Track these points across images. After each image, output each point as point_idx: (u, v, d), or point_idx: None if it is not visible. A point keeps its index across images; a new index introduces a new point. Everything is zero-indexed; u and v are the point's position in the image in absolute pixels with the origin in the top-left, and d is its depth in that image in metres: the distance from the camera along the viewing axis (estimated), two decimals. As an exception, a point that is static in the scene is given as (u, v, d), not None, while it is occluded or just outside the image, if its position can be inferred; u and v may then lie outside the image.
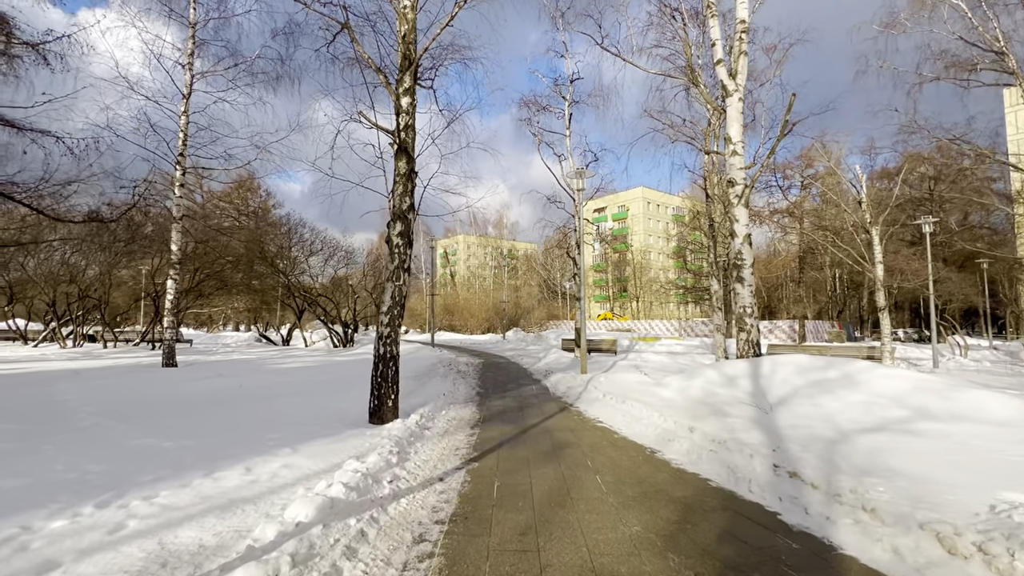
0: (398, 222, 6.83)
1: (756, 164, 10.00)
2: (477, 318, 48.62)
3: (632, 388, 9.27)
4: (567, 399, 9.31)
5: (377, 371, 6.72)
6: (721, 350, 16.32)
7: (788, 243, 46.49)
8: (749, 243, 9.34)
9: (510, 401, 9.12)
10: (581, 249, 12.09)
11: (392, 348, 6.74)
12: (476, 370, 14.83)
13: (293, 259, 22.78)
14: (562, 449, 5.61)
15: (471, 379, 12.50)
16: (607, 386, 9.53)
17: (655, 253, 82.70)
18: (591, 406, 8.37)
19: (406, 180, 6.91)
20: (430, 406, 7.64)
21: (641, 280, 73.51)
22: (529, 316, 50.22)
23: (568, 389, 10.25)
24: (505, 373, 14.25)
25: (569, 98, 17.82)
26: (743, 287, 9.24)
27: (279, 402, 7.91)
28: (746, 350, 9.17)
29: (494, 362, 18.00)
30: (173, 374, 11.62)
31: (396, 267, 6.77)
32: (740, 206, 9.31)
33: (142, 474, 4.06)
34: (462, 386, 10.90)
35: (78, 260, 18.67)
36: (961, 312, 46.08)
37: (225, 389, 9.47)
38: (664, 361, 16.07)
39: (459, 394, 9.71)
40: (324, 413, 7.10)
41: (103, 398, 8.08)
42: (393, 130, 6.99)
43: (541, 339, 32.83)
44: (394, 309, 6.74)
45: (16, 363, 13.67)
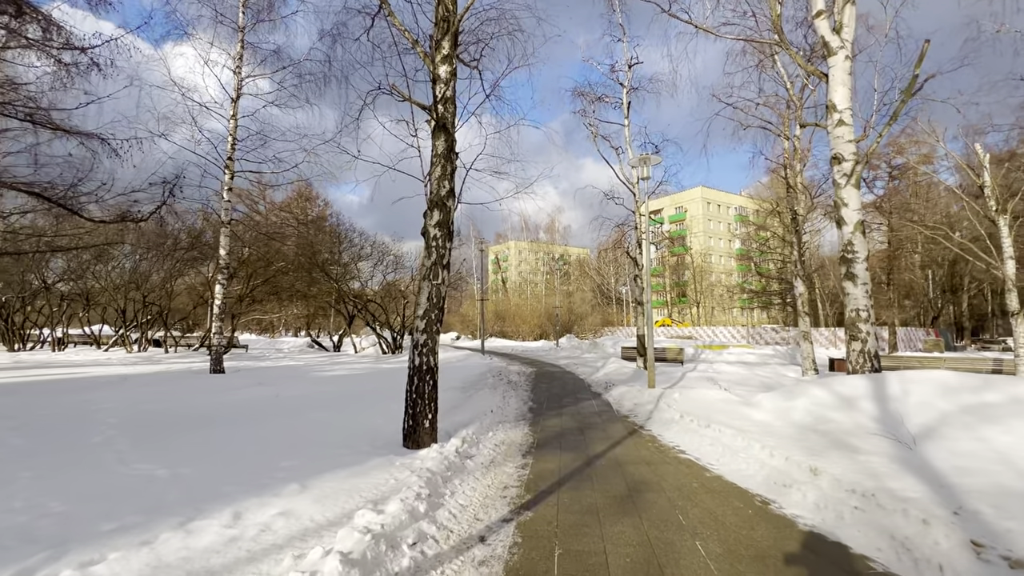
0: (435, 210, 5.81)
1: (870, 135, 8.22)
2: (529, 324, 47.45)
3: (714, 407, 7.75)
4: (635, 419, 7.92)
5: (412, 386, 5.71)
6: (809, 361, 14.21)
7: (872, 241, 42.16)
8: (862, 231, 7.59)
9: (568, 420, 7.86)
10: (645, 247, 10.67)
11: (429, 359, 5.71)
12: (528, 381, 13.65)
13: (344, 265, 22.67)
14: (640, 493, 4.31)
15: (523, 391, 11.33)
16: (683, 404, 8.06)
17: (716, 256, 78.46)
18: (666, 429, 6.96)
19: (445, 161, 5.89)
20: (475, 426, 6.53)
21: (702, 284, 69.72)
22: (583, 322, 48.45)
23: (635, 406, 8.85)
24: (560, 385, 12.97)
25: (627, 84, 16.40)
26: (856, 285, 7.50)
27: (311, 417, 7.09)
28: (860, 363, 7.41)
29: (547, 372, 16.75)
30: (216, 381, 11.28)
31: (433, 263, 5.75)
32: (849, 186, 7.59)
33: (106, 520, 3.19)
34: (513, 400, 9.76)
35: (145, 267, 19.38)
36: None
37: (261, 400, 8.84)
38: (741, 373, 14.19)
39: (509, 410, 8.56)
40: (355, 432, 6.18)
41: (133, 408, 7.61)
42: (429, 105, 6.00)
43: (597, 347, 31.18)
44: (431, 312, 5.71)
45: (78, 367, 13.98)
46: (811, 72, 8.70)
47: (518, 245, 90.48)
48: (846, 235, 7.63)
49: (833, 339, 35.44)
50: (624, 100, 16.49)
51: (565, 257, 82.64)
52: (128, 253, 20.09)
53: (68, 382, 10.92)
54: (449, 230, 5.87)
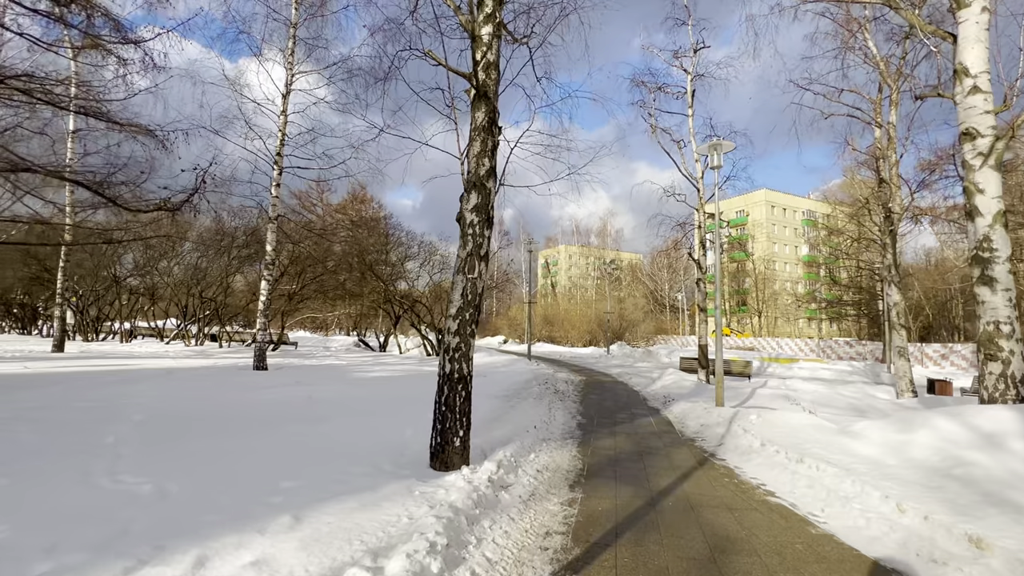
0: (473, 192, 4.98)
1: (1014, 104, 6.63)
2: (578, 330, 46.03)
3: (803, 434, 6.44)
4: (704, 444, 6.73)
5: (441, 396, 4.89)
6: (906, 382, 12.26)
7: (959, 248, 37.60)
8: (1004, 224, 6.05)
9: (623, 441, 6.79)
10: (715, 245, 9.39)
11: (462, 365, 4.87)
12: (577, 390, 12.60)
13: (392, 264, 22.51)
14: (726, 556, 3.24)
15: (571, 403, 10.31)
16: (763, 428, 6.79)
17: (781, 263, 73.70)
18: (745, 461, 5.76)
19: (485, 135, 5.05)
20: (515, 445, 5.63)
21: (764, 293, 65.48)
22: (635, 330, 46.44)
23: (702, 428, 7.63)
24: (612, 396, 11.83)
25: (692, 71, 15.04)
26: (994, 292, 5.98)
27: (336, 424, 6.45)
28: (1001, 390, 5.87)
29: (598, 381, 15.59)
30: (255, 379, 11.04)
31: (469, 254, 4.92)
32: (987, 169, 6.08)
33: (43, 556, 2.55)
34: (560, 413, 8.77)
35: (203, 264, 20.05)
36: None
37: (292, 400, 8.37)
38: (822, 392, 12.45)
39: (555, 425, 7.59)
40: (380, 445, 5.45)
41: (162, 404, 7.29)
42: (469, 72, 5.19)
43: (651, 355, 29.47)
44: (465, 311, 4.88)
45: (136, 359, 14.33)
46: (931, 33, 7.16)
47: (568, 249, 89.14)
48: (981, 229, 6.12)
49: (920, 356, 31.73)
50: (688, 88, 15.14)
51: (617, 262, 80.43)
52: (189, 250, 20.81)
53: (118, 374, 11.02)
54: (488, 216, 5.02)
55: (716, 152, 9.27)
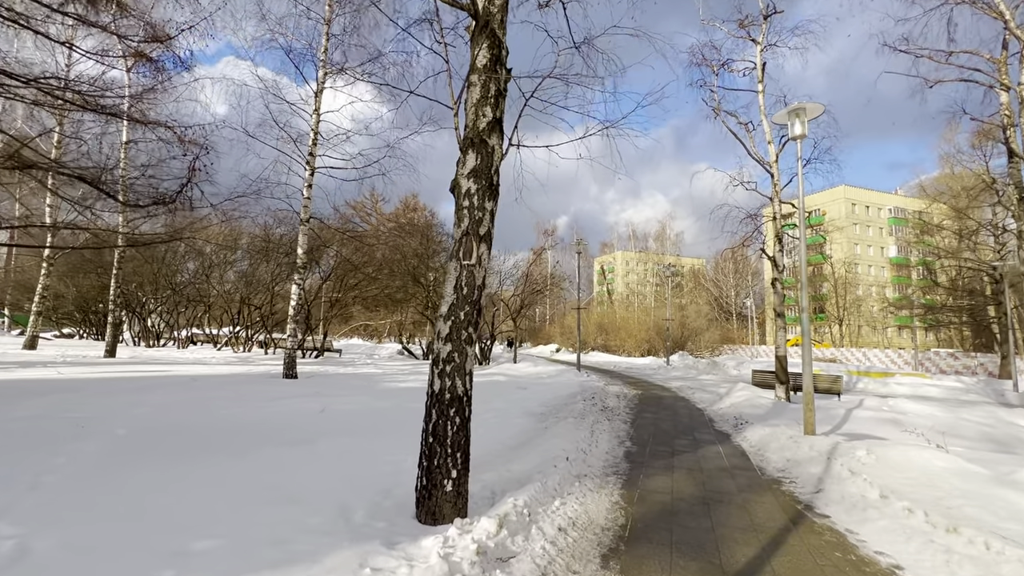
0: (471, 153, 3.75)
1: None
2: (636, 339, 43.50)
3: (940, 483, 4.62)
4: (795, 489, 5.05)
5: (429, 423, 3.67)
6: (1057, 405, 9.63)
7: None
8: None
9: (683, 480, 5.24)
10: (803, 235, 7.56)
11: (456, 382, 3.62)
12: (629, 408, 10.98)
13: (437, 269, 21.79)
14: None
15: (620, 423, 8.77)
16: (878, 470, 5.01)
17: (864, 265, 67.17)
18: (861, 521, 4.08)
19: (487, 79, 3.82)
20: (536, 486, 4.28)
21: (845, 299, 59.61)
22: (698, 339, 43.27)
23: (788, 464, 5.90)
24: (671, 416, 10.13)
25: (762, 41, 13.08)
26: None
27: (328, 447, 5.39)
28: None
29: (655, 396, 13.82)
30: (279, 388, 10.38)
31: (465, 233, 3.68)
32: None
33: None
34: (605, 437, 7.29)
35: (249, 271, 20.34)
36: None
37: (300, 414, 7.50)
38: (939, 415, 10.06)
39: (596, 454, 6.14)
40: (364, 480, 4.31)
41: (158, 416, 6.61)
42: (467, 1, 3.99)
43: (716, 367, 26.88)
44: (459, 310, 3.63)
45: (177, 364, 14.31)
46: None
47: (625, 255, 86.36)
48: None
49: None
50: (758, 61, 13.18)
51: (677, 267, 76.61)
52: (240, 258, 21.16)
53: (145, 380, 10.76)
54: (491, 183, 3.77)
55: (799, 118, 7.49)
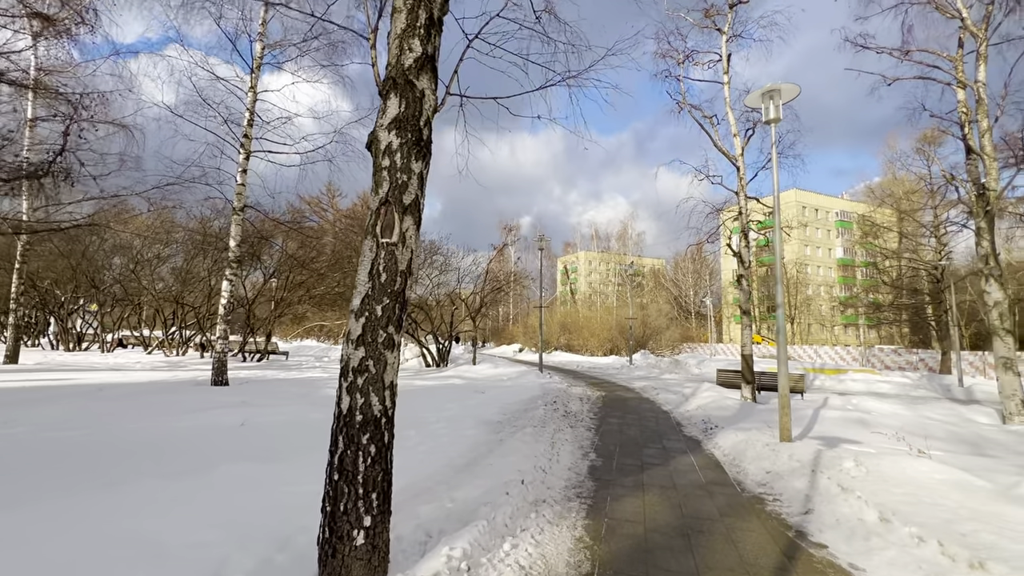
0: (393, 97, 2.87)
1: None
2: (598, 338, 43.37)
3: (942, 500, 4.09)
4: (782, 510, 4.41)
5: (335, 454, 2.76)
6: (1017, 401, 9.62)
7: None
8: None
9: (657, 503, 4.52)
10: (778, 226, 7.05)
11: (372, 399, 2.73)
12: (593, 412, 10.31)
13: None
14: None
15: (583, 430, 8.04)
16: (870, 484, 4.45)
17: (814, 266, 70.07)
18: (867, 553, 3.44)
19: (416, 3, 2.94)
20: (481, 524, 3.43)
21: (797, 298, 61.86)
22: (659, 337, 43.62)
23: (769, 477, 5.30)
24: (637, 421, 9.52)
25: (727, 31, 12.74)
26: None
27: (229, 474, 4.37)
28: None
29: (619, 398, 13.26)
30: (201, 397, 9.12)
31: (384, 202, 2.80)
32: None
33: None
34: (566, 449, 6.52)
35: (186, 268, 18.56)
36: None
37: (214, 430, 6.39)
38: (903, 414, 9.90)
39: (556, 472, 5.35)
40: (260, 523, 3.34)
41: (27, 438, 5.37)
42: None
43: (678, 365, 26.86)
44: (375, 303, 2.75)
45: (92, 371, 12.65)
46: None
47: (588, 255, 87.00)
48: None
49: (981, 366, 28.30)
50: (723, 52, 12.83)
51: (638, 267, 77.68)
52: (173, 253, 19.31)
53: (41, 390, 9.26)
54: (419, 138, 2.89)
55: (773, 100, 6.98)
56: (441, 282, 19.98)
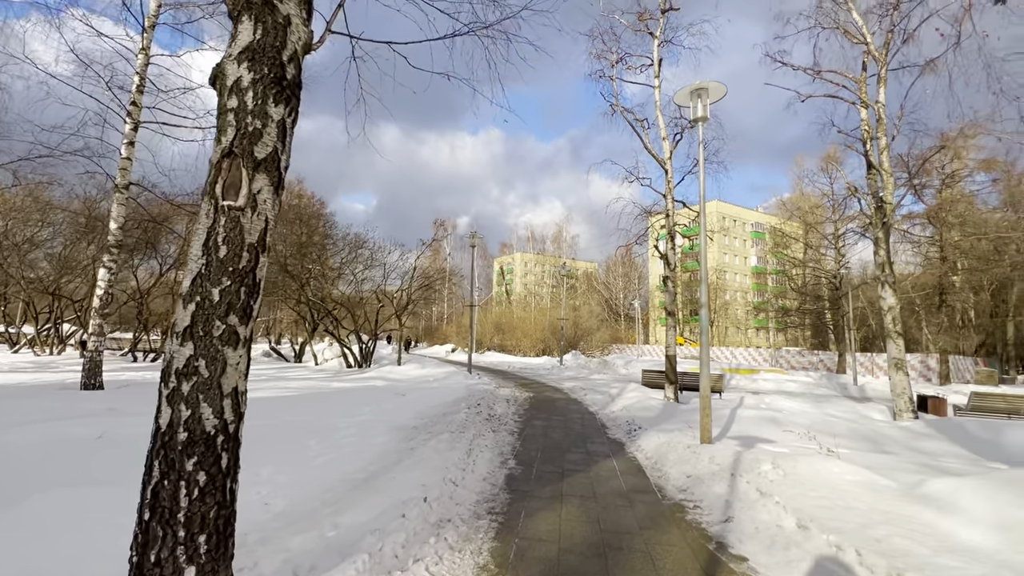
0: (246, 20, 2.23)
1: None
2: (531, 338, 43.52)
3: (854, 502, 4.04)
4: (702, 518, 4.19)
5: (148, 485, 2.06)
6: (905, 399, 10.39)
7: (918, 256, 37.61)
8: None
9: (575, 518, 4.14)
10: (703, 226, 7.02)
11: (203, 411, 2.06)
12: (518, 415, 9.93)
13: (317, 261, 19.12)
14: None
15: (506, 435, 7.61)
16: (787, 488, 4.34)
17: (731, 273, 74.92)
18: (784, 563, 3.24)
19: (284, -92, 2.31)
20: (357, 562, 2.84)
21: (716, 303, 65.84)
22: (590, 338, 44.53)
23: (690, 482, 5.12)
24: (563, 423, 9.25)
25: (659, 36, 12.91)
26: None
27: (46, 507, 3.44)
28: None
29: (547, 399, 13.02)
30: (59, 403, 7.69)
31: (227, 153, 2.15)
32: None
33: None
34: (485, 457, 6.04)
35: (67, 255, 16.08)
36: None
37: (62, 443, 5.26)
38: (810, 412, 10.40)
39: (469, 484, 4.84)
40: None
41: None
42: None
43: (607, 365, 27.37)
44: (211, 286, 2.09)
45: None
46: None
47: (524, 257, 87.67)
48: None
49: (870, 366, 31.33)
50: (655, 56, 12.99)
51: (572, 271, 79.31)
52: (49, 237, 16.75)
53: None
54: (281, 75, 2.27)
55: (701, 99, 6.93)
56: (366, 277, 18.85)
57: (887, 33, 12.18)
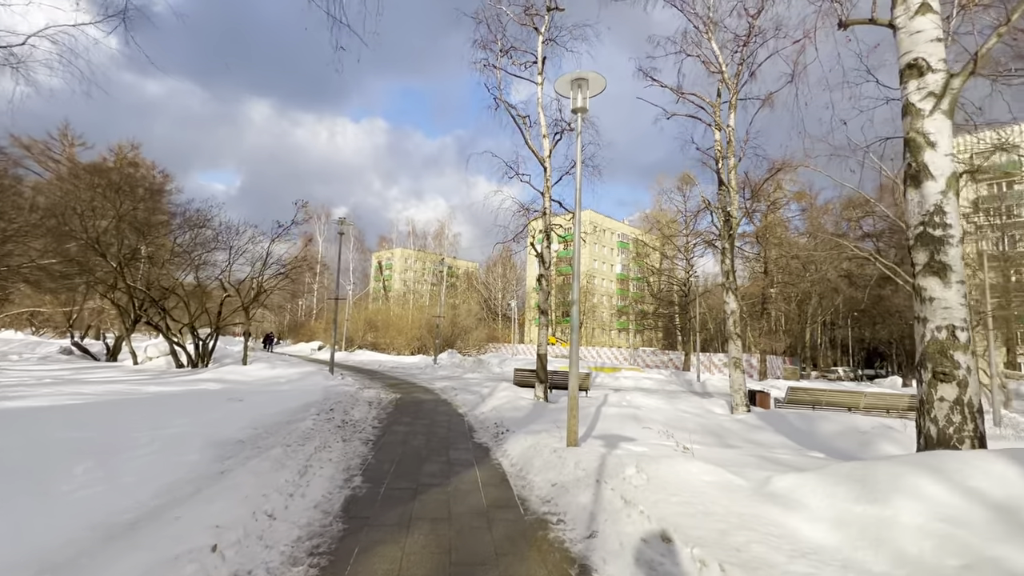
0: None
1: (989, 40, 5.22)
2: (407, 336, 41.77)
3: (712, 504, 3.95)
4: (565, 530, 3.79)
5: None
6: (742, 395, 11.53)
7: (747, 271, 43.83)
8: (956, 193, 4.45)
9: (422, 549, 3.43)
10: (578, 222, 6.83)
11: None
12: (379, 420, 8.95)
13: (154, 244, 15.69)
14: None
15: (358, 446, 6.64)
16: (651, 494, 4.14)
17: (599, 279, 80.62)
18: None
19: None
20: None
21: (586, 306, 70.26)
22: (467, 337, 44.25)
23: (555, 491, 4.74)
24: (428, 427, 8.50)
25: (544, 33, 12.83)
26: (947, 285, 4.29)
27: None
28: (957, 423, 4.15)
29: (415, 400, 12.15)
30: None
31: None
32: (939, 114, 4.43)
33: None
34: (324, 474, 5.05)
35: None
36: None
37: None
38: (664, 408, 11.00)
39: (290, 519, 3.85)
40: None
41: None
42: None
43: (482, 364, 27.18)
44: None
45: None
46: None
47: (404, 252, 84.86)
48: (932, 197, 4.40)
49: (708, 364, 35.63)
50: (539, 53, 12.89)
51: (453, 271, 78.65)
52: None
53: None
54: None
55: (581, 90, 6.73)
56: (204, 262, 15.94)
57: (738, 66, 13.55)
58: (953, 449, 4.13)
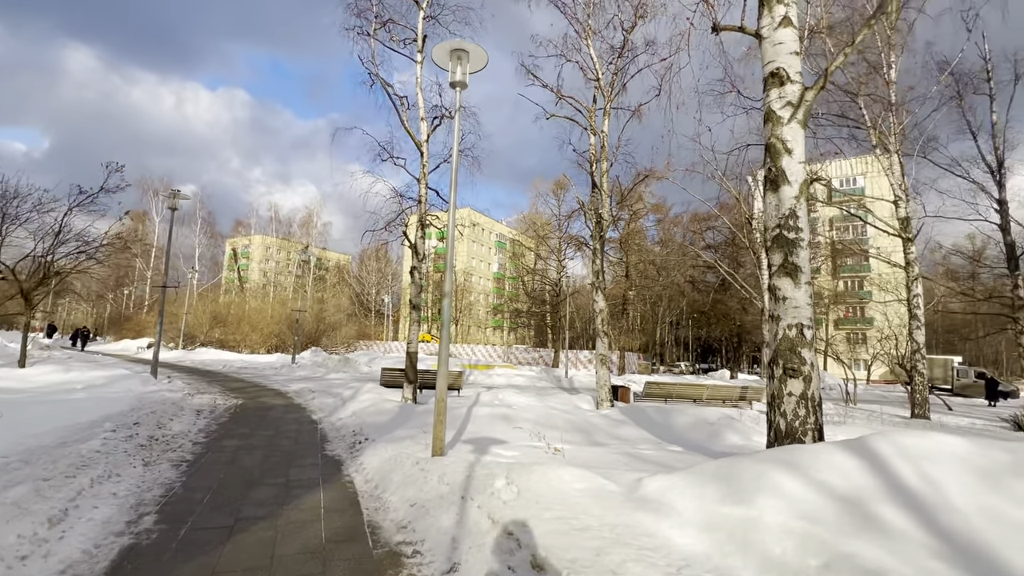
0: None
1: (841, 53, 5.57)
2: (263, 332, 37.11)
3: (584, 517, 3.61)
4: (421, 566, 3.14)
5: None
6: (607, 390, 11.95)
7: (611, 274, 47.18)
8: (807, 199, 4.73)
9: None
10: (453, 205, 6.17)
11: None
12: (205, 433, 7.36)
13: None
14: None
15: (166, 470, 5.22)
16: (522, 512, 3.68)
17: (476, 277, 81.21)
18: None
19: None
20: None
21: (462, 303, 70.08)
22: (335, 334, 40.94)
23: (414, 512, 4.06)
24: (270, 439, 7.18)
25: (425, 9, 11.97)
26: (797, 285, 4.53)
27: None
28: (802, 416, 4.38)
29: (261, 407, 10.47)
30: None
31: None
32: (795, 123, 4.68)
33: None
34: (93, 520, 3.72)
35: None
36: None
37: None
38: (535, 406, 10.90)
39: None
40: None
41: None
42: None
43: (349, 363, 25.18)
44: None
45: None
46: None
47: (265, 240, 76.44)
48: (787, 201, 4.62)
49: (575, 361, 37.66)
50: (420, 30, 11.99)
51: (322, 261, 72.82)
52: None
53: None
54: None
55: (461, 63, 6.11)
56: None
57: (613, 75, 14.13)
58: (798, 442, 4.34)
